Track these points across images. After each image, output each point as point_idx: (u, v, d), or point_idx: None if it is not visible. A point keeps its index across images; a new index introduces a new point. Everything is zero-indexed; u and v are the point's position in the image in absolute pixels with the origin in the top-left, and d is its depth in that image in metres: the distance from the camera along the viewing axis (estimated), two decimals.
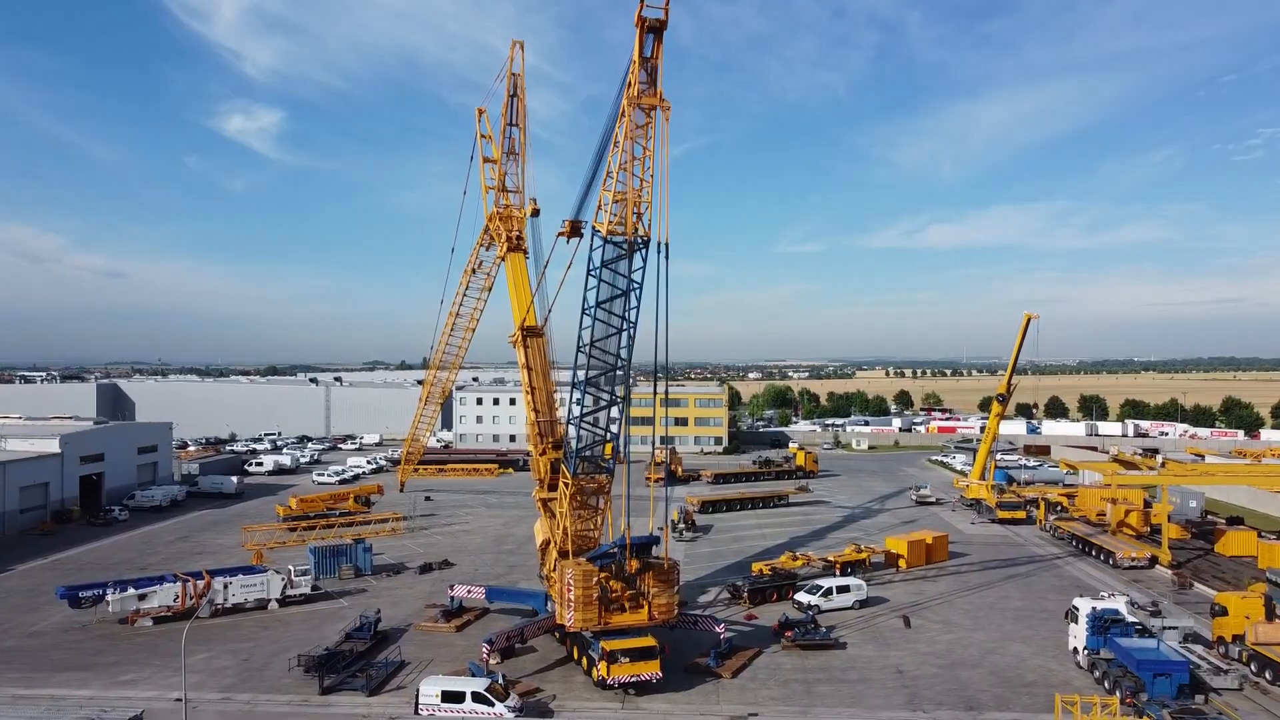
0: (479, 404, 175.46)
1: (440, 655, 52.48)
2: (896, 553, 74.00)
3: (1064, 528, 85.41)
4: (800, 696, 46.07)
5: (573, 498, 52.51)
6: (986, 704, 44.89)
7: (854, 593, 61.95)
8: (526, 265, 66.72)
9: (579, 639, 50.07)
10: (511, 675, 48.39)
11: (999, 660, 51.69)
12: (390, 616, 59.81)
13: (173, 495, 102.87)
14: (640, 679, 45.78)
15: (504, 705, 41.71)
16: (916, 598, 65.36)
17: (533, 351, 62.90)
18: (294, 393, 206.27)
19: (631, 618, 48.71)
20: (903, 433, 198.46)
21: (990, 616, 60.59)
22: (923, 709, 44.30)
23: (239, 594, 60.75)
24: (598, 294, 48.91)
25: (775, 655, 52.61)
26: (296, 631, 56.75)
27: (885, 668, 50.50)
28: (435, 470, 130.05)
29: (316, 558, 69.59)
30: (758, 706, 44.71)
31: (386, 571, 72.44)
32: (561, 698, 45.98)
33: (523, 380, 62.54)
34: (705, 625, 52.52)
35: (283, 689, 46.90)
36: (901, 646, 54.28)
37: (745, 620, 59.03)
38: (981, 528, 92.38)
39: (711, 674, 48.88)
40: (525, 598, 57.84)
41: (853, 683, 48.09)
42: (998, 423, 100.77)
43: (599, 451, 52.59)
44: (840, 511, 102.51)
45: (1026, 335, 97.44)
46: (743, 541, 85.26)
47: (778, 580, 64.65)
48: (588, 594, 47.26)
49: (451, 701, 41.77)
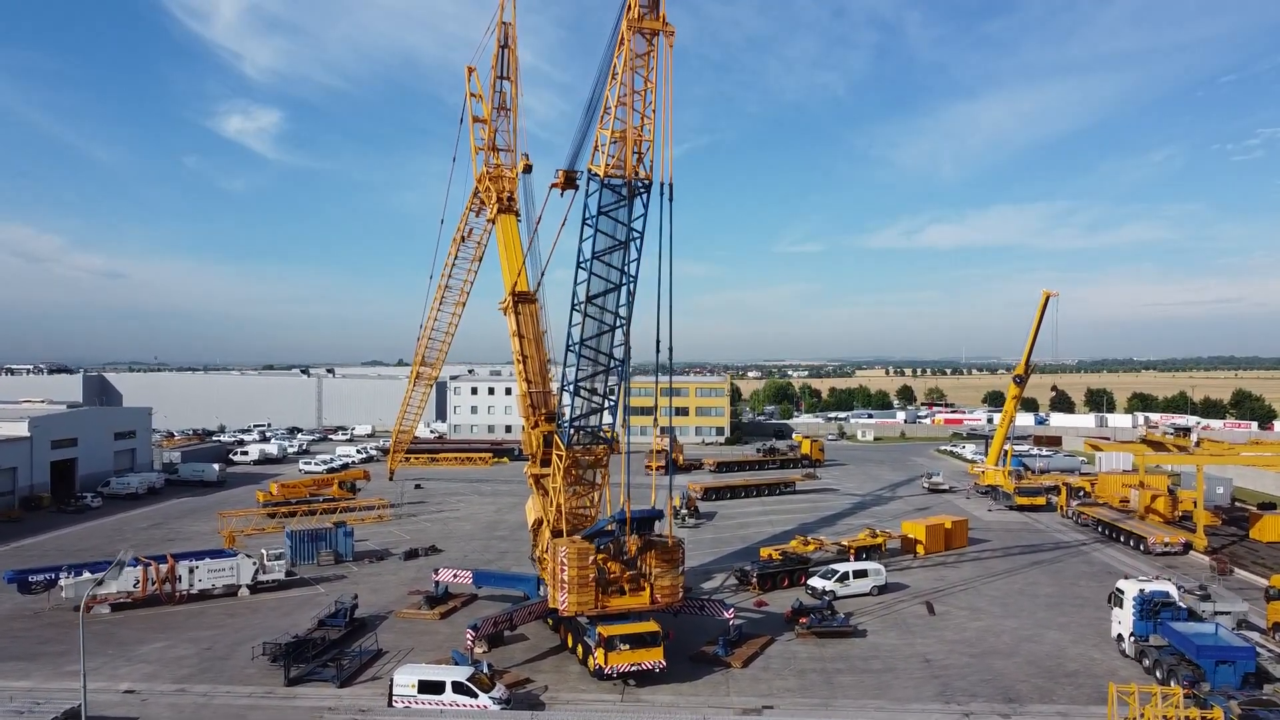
0: (474, 394, 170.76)
1: (422, 644, 47.92)
2: (914, 538, 69.41)
3: (1088, 513, 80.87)
4: (819, 687, 41.49)
5: (567, 471, 47.94)
6: (1027, 695, 40.29)
7: (872, 578, 57.34)
8: (518, 228, 62.30)
9: (574, 625, 45.50)
10: (499, 665, 43.86)
11: (1035, 649, 47.10)
12: (370, 603, 55.28)
13: (150, 483, 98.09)
14: (641, 668, 41.12)
15: (489, 696, 37.11)
16: (938, 584, 60.77)
17: (524, 318, 58.39)
18: (285, 384, 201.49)
19: (632, 601, 44.12)
20: (908, 424, 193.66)
21: (1020, 603, 56.01)
22: (956, 701, 39.70)
23: (206, 579, 56.11)
24: (594, 244, 44.37)
25: (789, 643, 48.04)
26: (267, 619, 52.14)
27: (911, 657, 45.93)
28: (427, 459, 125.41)
29: (293, 542, 64.98)
30: (772, 698, 40.12)
31: (369, 557, 67.80)
32: (554, 689, 41.37)
33: (514, 349, 57.98)
34: (713, 610, 47.86)
35: (245, 680, 42.32)
36: (927, 634, 49.72)
37: (755, 607, 54.46)
38: (999, 515, 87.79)
39: (720, 663, 44.26)
40: (516, 582, 53.17)
41: (876, 673, 43.51)
42: (1015, 405, 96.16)
43: (596, 421, 48.13)
44: (850, 499, 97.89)
45: (1045, 313, 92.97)
46: (748, 528, 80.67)
47: (789, 565, 60.05)
48: (583, 574, 42.67)
49: (429, 692, 37.17)
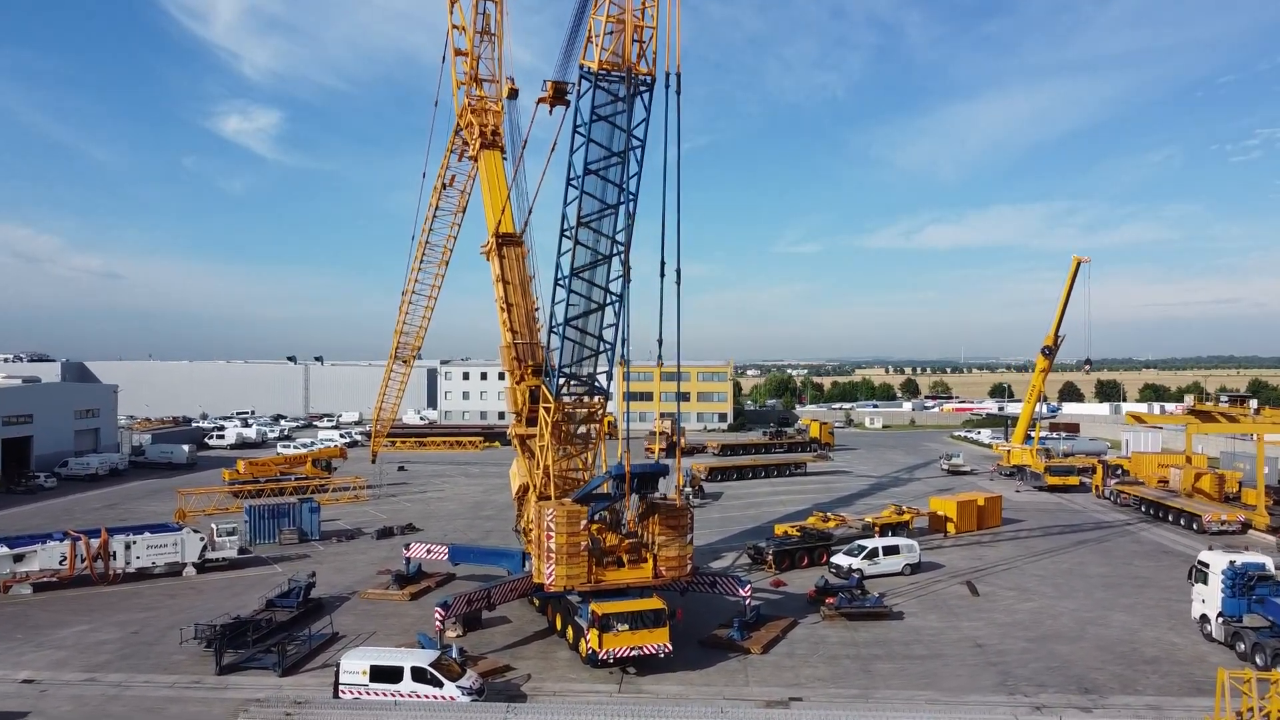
0: (465, 379, 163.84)
1: (386, 627, 41.17)
2: (944, 515, 62.65)
3: (1128, 492, 74.13)
4: (854, 676, 34.74)
5: (555, 427, 41.08)
6: (1106, 685, 33.55)
7: (904, 555, 50.58)
8: (503, 165, 55.55)
9: (562, 604, 38.76)
10: (476, 650, 37.15)
11: (1103, 632, 40.35)
12: (333, 584, 48.52)
13: (112, 463, 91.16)
14: (643, 653, 34.32)
15: (456, 685, 30.30)
16: (976, 563, 54.03)
17: (509, 262, 51.54)
18: (272, 373, 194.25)
19: (631, 574, 37.33)
20: (917, 412, 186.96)
21: (1073, 583, 49.28)
22: (1022, 692, 32.97)
23: (145, 557, 49.27)
24: (586, 156, 37.56)
25: (814, 626, 41.29)
26: (212, 600, 45.33)
27: (959, 641, 39.18)
28: (414, 444, 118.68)
29: (252, 519, 58.16)
30: (800, 688, 33.37)
31: (338, 537, 60.95)
32: (539, 677, 34.60)
33: (497, 295, 51.11)
34: (726, 587, 41.05)
35: (171, 668, 35.59)
36: (973, 616, 42.98)
37: (772, 587, 47.72)
38: (1028, 495, 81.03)
39: (736, 648, 37.50)
40: (498, 558, 46.29)
41: (920, 659, 36.76)
42: (1043, 379, 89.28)
43: (589, 368, 41.37)
44: (865, 480, 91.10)
45: (1076, 281, 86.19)
46: (758, 507, 73.89)
47: (808, 542, 53.29)
48: (573, 542, 35.85)
49: (384, 680, 30.34)
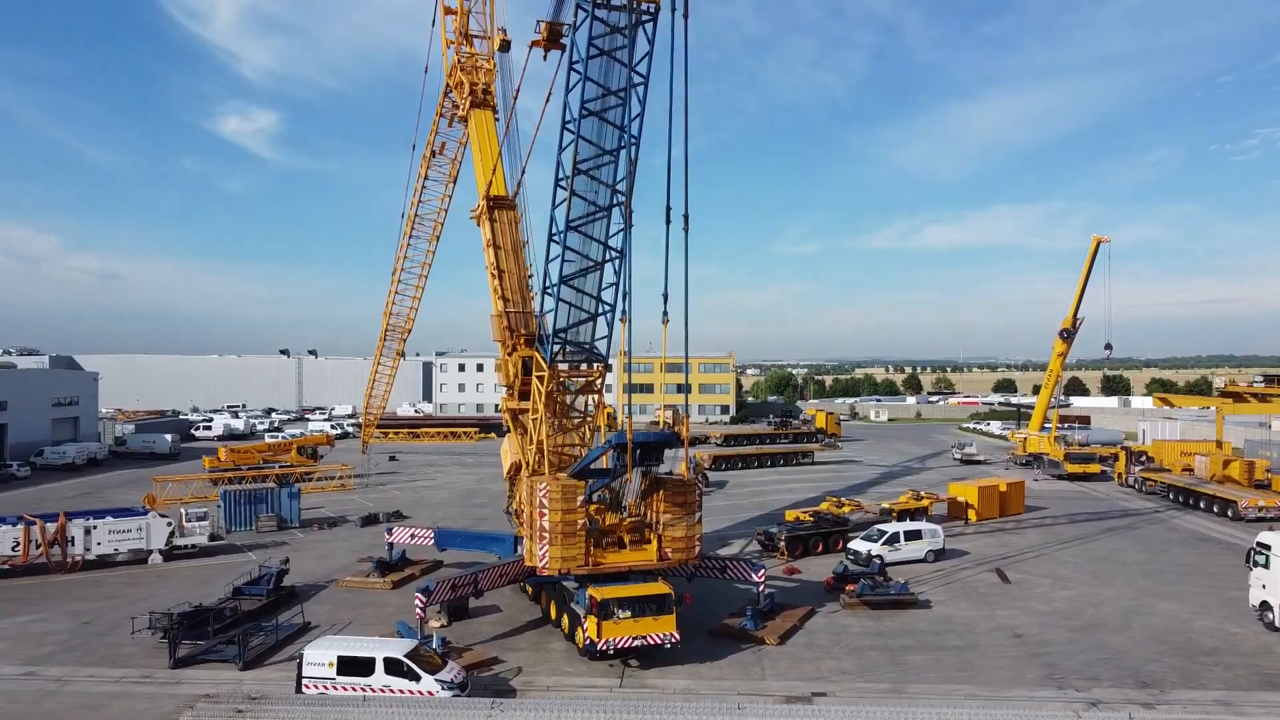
0: (460, 370, 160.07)
1: (364, 617, 37.52)
2: (964, 501, 59.00)
3: (1155, 479, 70.49)
4: (883, 668, 31.10)
5: (550, 397, 37.48)
6: (1165, 679, 29.91)
7: (927, 540, 46.93)
8: (494, 124, 51.95)
9: (558, 589, 35.13)
10: (462, 641, 33.55)
11: (1152, 622, 36.71)
12: (310, 572, 44.91)
13: (91, 453, 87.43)
14: (647, 643, 30.67)
15: (436, 678, 26.62)
16: (1003, 550, 50.41)
17: (500, 226, 47.93)
18: (264, 366, 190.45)
19: (634, 557, 33.67)
20: (923, 405, 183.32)
21: (1111, 571, 45.65)
22: (1073, 686, 29.33)
23: (106, 543, 45.58)
24: (583, 95, 33.92)
25: (834, 615, 37.66)
26: (177, 589, 41.61)
27: (994, 630, 35.54)
28: (408, 434, 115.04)
29: (228, 505, 54.50)
30: (823, 682, 29.74)
31: (320, 524, 57.29)
32: (530, 670, 30.95)
33: (488, 261, 47.50)
34: (738, 572, 37.38)
35: (121, 661, 31.95)
36: (1007, 604, 39.34)
37: (785, 575, 44.09)
38: (1047, 484, 77.33)
39: (750, 639, 33.85)
40: (489, 542, 42.60)
41: (955, 650, 33.13)
42: (1061, 362, 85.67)
43: (587, 332, 37.75)
44: (875, 469, 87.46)
45: (1095, 261, 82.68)
46: (765, 495, 70.27)
47: (823, 527, 49.65)
48: (569, 520, 32.18)
49: (353, 673, 26.66)
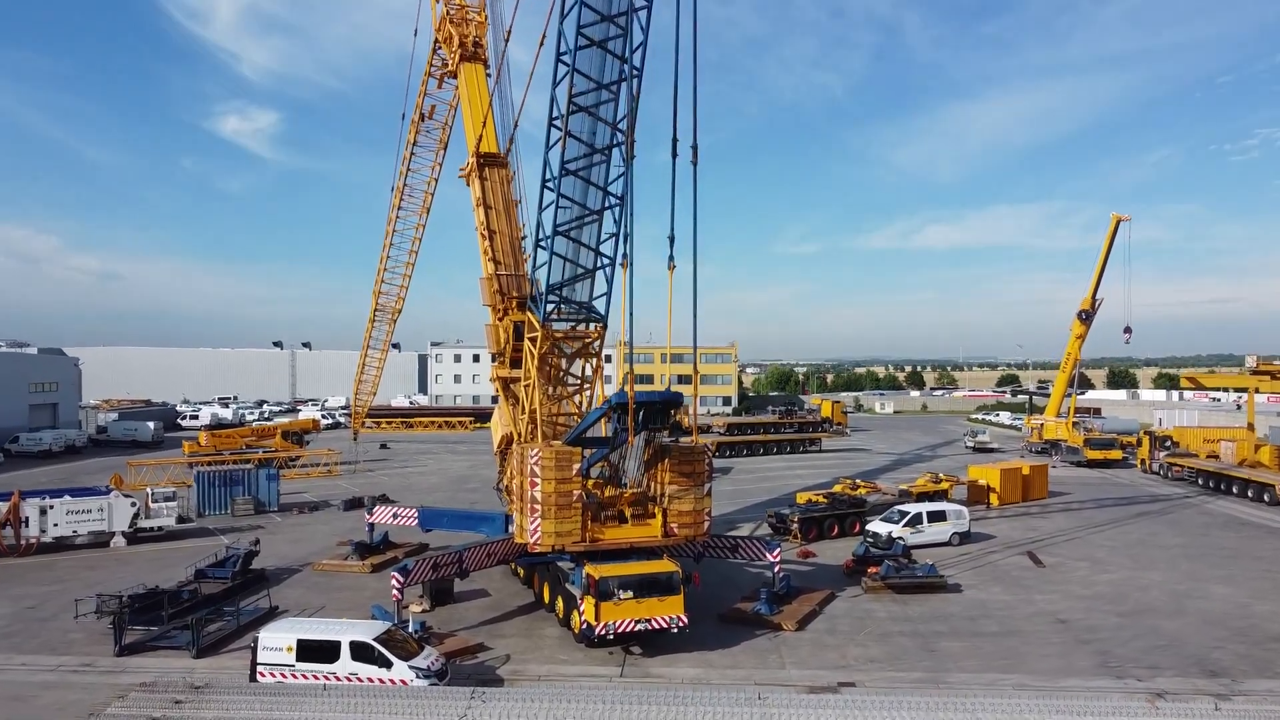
0: (457, 361, 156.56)
1: (338, 601, 34.12)
2: (986, 484, 55.58)
3: (1182, 464, 67.13)
4: (915, 656, 27.71)
5: (543, 360, 34.04)
6: (1235, 668, 26.52)
7: (952, 522, 43.53)
8: (485, 80, 48.59)
9: (551, 570, 31.74)
10: (445, 627, 30.17)
11: (1207, 607, 33.33)
12: (284, 555, 41.54)
13: (69, 440, 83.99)
14: (651, 627, 27.26)
15: (410, 665, 23.20)
16: (1031, 534, 47.02)
17: (491, 184, 44.52)
18: (257, 358, 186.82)
19: (636, 532, 30.24)
20: (929, 397, 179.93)
21: (1150, 555, 42.26)
22: (1133, 675, 25.93)
23: (64, 524, 42.13)
24: (579, 20, 30.49)
25: (856, 600, 34.27)
26: (139, 573, 38.11)
27: (1035, 616, 32.15)
28: (400, 424, 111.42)
29: (201, 486, 51.11)
30: (850, 671, 26.34)
31: (301, 508, 53.88)
32: (520, 658, 27.54)
33: (478, 222, 44.07)
34: (751, 552, 33.92)
35: (62, 648, 28.55)
36: (1044, 589, 35.94)
37: (799, 558, 40.69)
38: (1066, 470, 73.96)
39: (765, 624, 30.45)
40: (477, 522, 39.07)
41: (993, 636, 29.73)
42: (1079, 346, 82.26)
43: (584, 289, 34.35)
44: (886, 457, 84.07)
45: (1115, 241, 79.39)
46: (772, 481, 66.88)
47: (838, 509, 46.25)
48: (563, 490, 28.76)
49: (316, 659, 23.23)
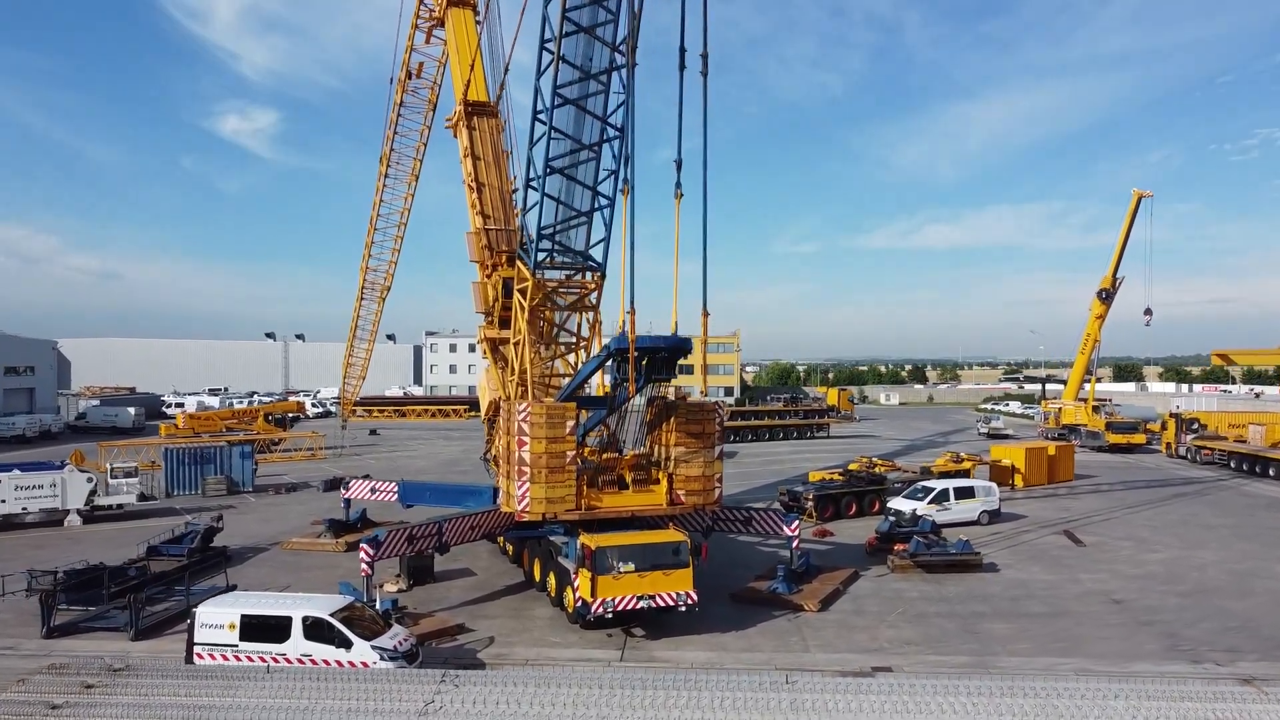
0: (452, 351, 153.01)
1: (305, 581, 30.60)
2: (1010, 464, 52.13)
3: (1212, 447, 63.73)
4: (958, 638, 24.26)
5: (534, 314, 30.55)
6: None
7: (981, 499, 40.07)
8: (475, 25, 45.14)
9: (543, 544, 28.26)
10: (424, 607, 26.73)
11: (1276, 587, 29.90)
12: (254, 534, 38.12)
13: (44, 425, 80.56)
14: (655, 604, 23.79)
15: (374, 645, 19.72)
16: (1063, 514, 43.56)
17: (480, 134, 41.13)
18: (249, 350, 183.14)
19: (638, 499, 26.73)
20: (934, 389, 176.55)
21: (1198, 535, 38.82)
22: (1210, 660, 22.48)
23: (13, 500, 38.65)
24: None
25: (882, 579, 30.83)
26: (90, 552, 34.45)
27: (1085, 596, 28.70)
28: (393, 413, 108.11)
29: (169, 464, 47.66)
30: (884, 655, 22.91)
31: (279, 488, 50.41)
32: (505, 641, 24.08)
33: (465, 173, 40.67)
34: (765, 525, 30.36)
35: None
36: (1090, 568, 32.50)
37: (815, 537, 37.20)
38: (1087, 455, 70.38)
39: (783, 604, 26.99)
40: (462, 495, 35.50)
41: (1041, 618, 26.28)
42: (1099, 326, 78.67)
43: (579, 235, 30.90)
44: (897, 443, 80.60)
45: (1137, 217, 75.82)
46: (781, 464, 63.45)
47: (856, 486, 42.79)
48: (556, 451, 25.27)
49: (262, 638, 19.74)
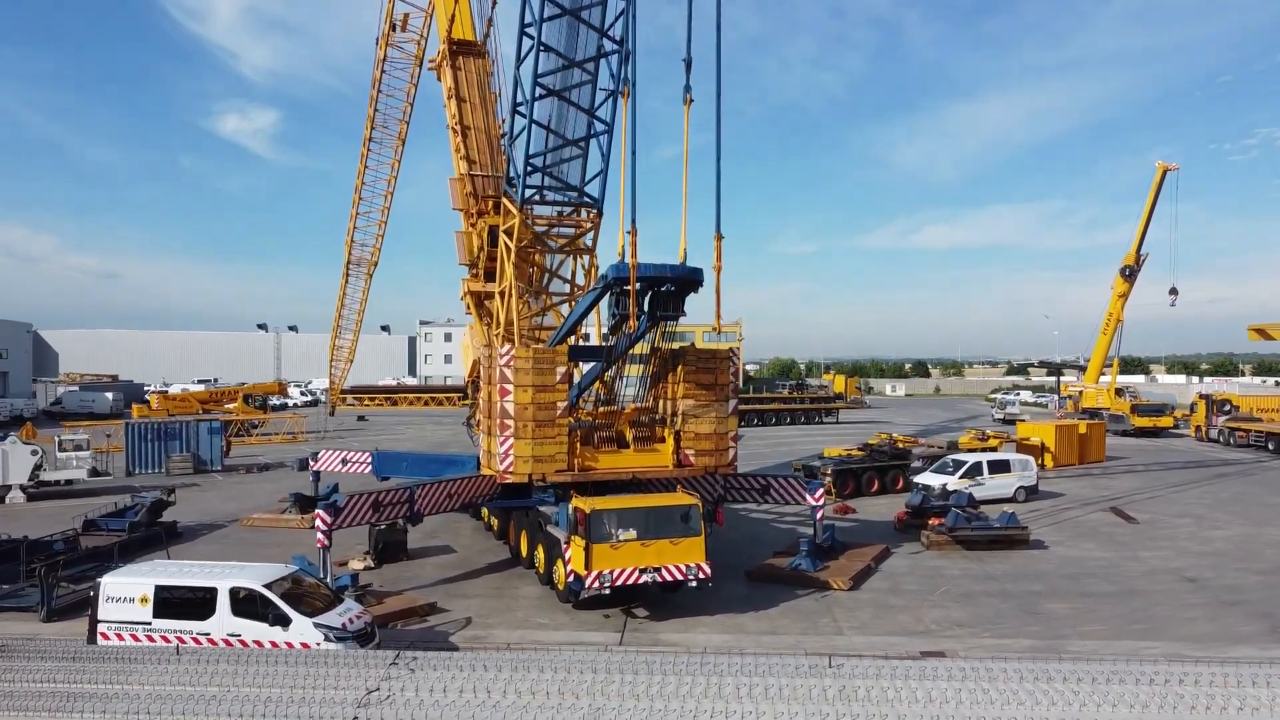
0: (447, 340, 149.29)
1: (261, 558, 26.86)
2: (1040, 443, 48.44)
3: (1248, 429, 60.06)
4: (1016, 619, 20.63)
5: (521, 256, 26.97)
6: None
7: (1017, 474, 36.37)
8: None
9: (530, 515, 24.59)
10: (395, 585, 23.11)
11: None
12: (213, 511, 34.47)
13: (16, 410, 76.99)
14: (661, 578, 20.07)
15: (316, 622, 16.05)
16: (1103, 492, 39.91)
17: (466, 75, 37.57)
18: (241, 341, 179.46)
19: (640, 460, 23.10)
20: (941, 380, 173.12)
21: (1259, 513, 35.16)
22: None
23: None
24: None
25: (917, 556, 27.17)
26: (28, 530, 30.91)
27: (1153, 574, 25.06)
28: (384, 400, 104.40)
29: (130, 440, 43.99)
30: (932, 638, 19.30)
31: (250, 468, 46.74)
32: (484, 623, 20.42)
33: (449, 115, 37.04)
34: (785, 493, 26.59)
35: None
36: (1149, 546, 28.85)
37: (836, 514, 33.52)
38: (1113, 439, 66.40)
39: (807, 582, 23.32)
40: (444, 465, 31.78)
41: (1109, 597, 22.64)
42: (1122, 305, 74.87)
43: (573, 169, 27.33)
44: (911, 427, 76.67)
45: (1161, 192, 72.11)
46: (790, 446, 59.74)
47: (878, 460, 39.14)
48: (544, 402, 21.63)
49: (180, 614, 16.07)
